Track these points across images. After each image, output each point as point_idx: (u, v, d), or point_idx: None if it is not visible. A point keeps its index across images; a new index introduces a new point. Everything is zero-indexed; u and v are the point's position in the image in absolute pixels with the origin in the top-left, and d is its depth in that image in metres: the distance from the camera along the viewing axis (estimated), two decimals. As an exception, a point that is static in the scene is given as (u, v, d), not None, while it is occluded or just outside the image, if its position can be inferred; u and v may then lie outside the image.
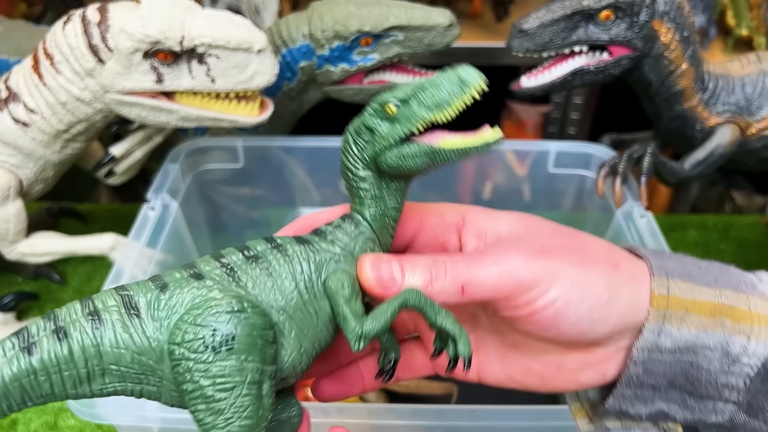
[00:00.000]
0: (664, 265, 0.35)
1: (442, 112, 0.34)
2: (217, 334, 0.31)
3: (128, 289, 0.33)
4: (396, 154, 0.35)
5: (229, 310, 0.31)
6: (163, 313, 0.32)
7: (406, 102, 0.35)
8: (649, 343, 0.34)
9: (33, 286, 0.80)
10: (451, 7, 1.06)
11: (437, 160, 0.34)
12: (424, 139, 0.35)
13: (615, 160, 0.70)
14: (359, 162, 0.36)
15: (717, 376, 0.35)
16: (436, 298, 0.33)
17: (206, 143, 0.76)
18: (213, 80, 0.60)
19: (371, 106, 0.35)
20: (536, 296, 0.33)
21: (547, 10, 0.62)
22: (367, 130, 0.36)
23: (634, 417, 0.37)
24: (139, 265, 0.61)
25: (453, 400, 0.74)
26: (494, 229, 0.37)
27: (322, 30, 0.69)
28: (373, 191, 0.36)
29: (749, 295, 0.35)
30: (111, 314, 0.32)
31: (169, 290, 0.33)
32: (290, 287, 0.34)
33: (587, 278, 0.33)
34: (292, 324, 0.34)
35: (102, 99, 0.61)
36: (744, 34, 1.08)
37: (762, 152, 0.70)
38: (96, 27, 0.58)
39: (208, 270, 0.33)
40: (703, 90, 0.67)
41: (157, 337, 0.32)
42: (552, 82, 0.65)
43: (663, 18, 0.62)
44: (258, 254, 0.34)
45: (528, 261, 0.33)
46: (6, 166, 0.65)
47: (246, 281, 0.33)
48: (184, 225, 0.71)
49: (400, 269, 0.34)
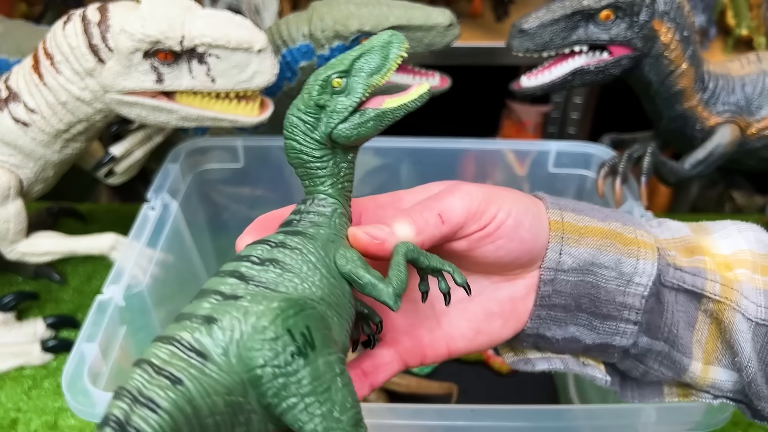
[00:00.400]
0: (558, 203, 0.41)
1: (382, 74, 0.36)
2: (297, 338, 0.30)
3: (174, 336, 0.30)
4: (350, 125, 0.36)
5: (290, 314, 0.30)
6: (226, 346, 0.30)
7: (348, 73, 0.36)
8: (553, 262, 0.39)
9: (33, 285, 0.80)
10: (451, 7, 1.06)
11: (385, 121, 0.37)
12: (370, 105, 0.37)
13: (615, 159, 0.70)
14: (313, 143, 0.37)
15: (615, 296, 0.39)
16: (424, 236, 0.36)
17: (206, 143, 0.76)
18: (213, 80, 0.60)
19: (314, 83, 0.36)
20: (496, 210, 0.37)
21: (547, 9, 0.62)
22: (318, 108, 0.36)
23: (551, 340, 0.41)
24: (139, 265, 0.61)
25: (453, 400, 0.74)
26: (428, 192, 0.40)
27: (322, 30, 0.69)
28: (330, 168, 0.37)
29: (635, 228, 0.41)
30: (175, 366, 0.29)
31: (217, 320, 0.30)
32: (317, 277, 0.34)
33: (520, 199, 0.39)
34: (332, 310, 0.34)
35: (102, 99, 0.61)
36: (744, 34, 1.08)
37: (762, 152, 0.70)
38: (96, 27, 0.58)
39: (232, 289, 0.32)
40: (703, 90, 0.67)
41: (234, 371, 0.30)
42: (552, 81, 0.65)
43: (663, 18, 0.62)
44: (267, 257, 0.34)
45: (478, 187, 0.38)
46: (6, 165, 0.65)
47: (276, 285, 0.33)
48: (184, 225, 0.71)
49: (387, 226, 0.36)
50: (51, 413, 0.66)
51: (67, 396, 0.48)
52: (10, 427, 0.65)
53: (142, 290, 0.60)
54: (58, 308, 0.78)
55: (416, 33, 0.69)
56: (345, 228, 0.38)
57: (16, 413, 0.66)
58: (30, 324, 0.72)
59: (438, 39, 0.70)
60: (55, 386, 0.69)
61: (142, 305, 0.61)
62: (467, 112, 1.28)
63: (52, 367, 0.71)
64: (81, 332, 0.53)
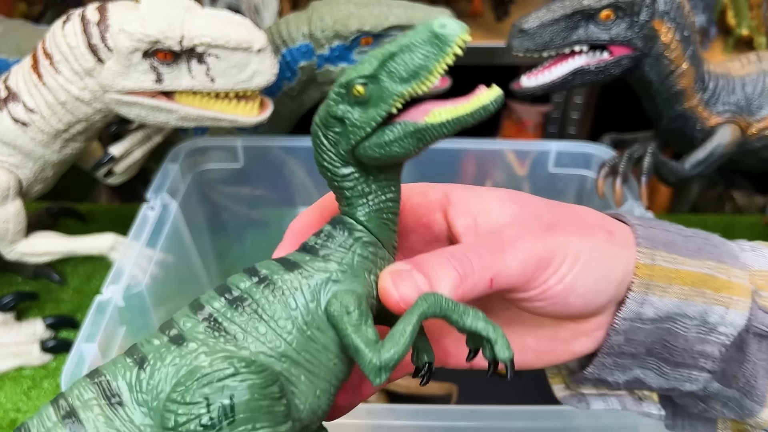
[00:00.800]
0: (649, 234, 0.35)
1: (421, 81, 0.28)
2: (212, 408, 0.26)
3: (104, 374, 0.28)
4: (376, 142, 0.29)
5: (220, 377, 0.27)
6: (147, 396, 0.28)
7: (375, 78, 0.29)
8: (632, 312, 0.34)
9: (32, 286, 0.80)
10: (452, 6, 1.06)
11: (427, 139, 0.29)
12: (407, 116, 0.29)
13: (615, 159, 0.70)
14: (336, 159, 0.30)
15: (693, 345, 0.35)
16: (465, 298, 0.30)
17: (206, 143, 0.75)
18: (212, 80, 0.60)
19: (335, 90, 0.29)
20: (551, 273, 0.32)
21: (547, 9, 0.62)
22: (336, 121, 0.30)
23: (612, 384, 0.37)
24: (139, 265, 0.61)
25: (453, 400, 0.74)
26: (483, 206, 0.35)
27: (322, 29, 0.69)
28: (360, 188, 0.31)
29: (730, 267, 0.35)
30: (91, 410, 0.27)
31: (150, 365, 0.28)
32: (287, 327, 0.29)
33: (591, 249, 0.33)
34: (300, 368, 0.29)
35: (101, 99, 0.61)
36: (744, 34, 1.08)
37: (762, 152, 0.70)
38: (95, 26, 0.58)
39: (189, 328, 0.29)
40: (703, 90, 0.67)
41: (148, 424, 0.27)
42: (552, 81, 0.65)
43: (663, 18, 0.62)
44: (242, 294, 0.29)
45: (543, 240, 0.32)
46: (5, 165, 0.65)
47: (234, 332, 0.29)
48: (183, 225, 0.71)
49: (426, 280, 0.30)
50: (50, 413, 0.66)
51: (67, 396, 0.48)
52: (9, 427, 0.65)
53: (141, 290, 0.60)
54: (58, 308, 0.77)
55: (416, 33, 0.69)
56: (370, 261, 0.32)
57: (16, 414, 0.66)
58: (29, 324, 0.72)
59: (438, 39, 0.70)
60: (55, 387, 0.69)
61: (142, 305, 0.61)
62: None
63: (52, 367, 0.71)
64: (80, 332, 0.53)
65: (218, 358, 0.28)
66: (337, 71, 0.71)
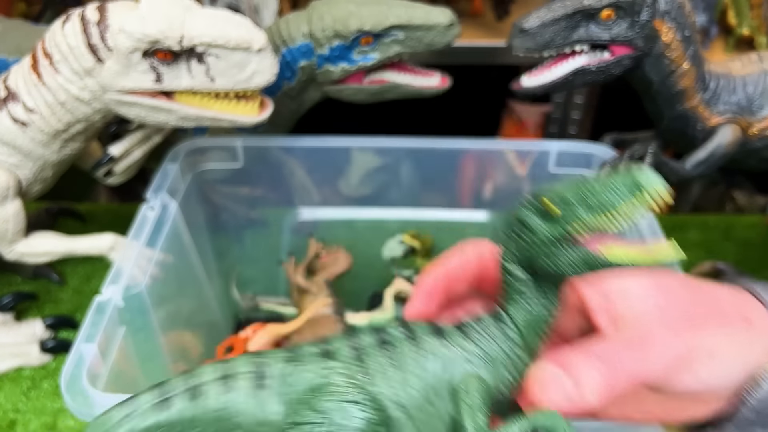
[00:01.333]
0: None
1: (606, 215, 0.30)
2: (326, 423, 0.30)
3: (265, 357, 0.33)
4: (553, 260, 0.32)
5: (347, 399, 0.31)
6: (285, 389, 0.32)
7: (567, 201, 0.31)
8: (765, 393, 0.34)
9: (32, 286, 0.80)
10: (452, 6, 1.05)
11: (598, 268, 0.31)
12: (588, 244, 0.31)
13: (616, 159, 0.70)
14: (517, 262, 0.33)
15: None
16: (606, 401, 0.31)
17: (205, 143, 0.75)
18: (212, 79, 0.60)
19: (532, 201, 0.32)
20: (689, 374, 0.33)
21: (548, 9, 0.62)
22: (527, 230, 0.32)
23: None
24: (138, 266, 0.61)
25: None
26: (619, 284, 0.34)
27: (322, 29, 0.69)
28: (529, 294, 0.33)
29: None
30: (243, 381, 0.32)
31: (297, 365, 0.32)
32: (415, 383, 0.32)
33: (730, 346, 0.33)
34: (411, 423, 0.32)
35: (101, 98, 0.61)
36: (745, 34, 1.08)
37: (763, 152, 0.70)
38: (95, 26, 0.58)
39: (338, 348, 0.33)
40: (704, 90, 0.67)
41: (279, 412, 0.32)
42: (553, 81, 0.65)
43: (664, 17, 0.61)
44: (392, 340, 0.33)
45: (686, 341, 0.32)
46: (5, 165, 0.65)
47: (373, 369, 0.32)
48: (183, 225, 0.71)
49: (575, 386, 0.31)
50: (50, 414, 0.66)
51: (66, 397, 0.48)
52: (8, 428, 0.65)
53: (141, 291, 0.60)
54: (57, 309, 0.77)
55: (416, 32, 0.69)
56: (511, 361, 0.34)
57: (15, 414, 0.66)
58: (29, 324, 0.72)
59: (438, 38, 0.70)
60: (54, 387, 0.68)
61: (141, 306, 0.61)
62: (467, 112, 1.27)
63: (51, 367, 0.71)
64: (80, 333, 0.52)
65: (351, 383, 0.31)
66: (337, 71, 0.71)
